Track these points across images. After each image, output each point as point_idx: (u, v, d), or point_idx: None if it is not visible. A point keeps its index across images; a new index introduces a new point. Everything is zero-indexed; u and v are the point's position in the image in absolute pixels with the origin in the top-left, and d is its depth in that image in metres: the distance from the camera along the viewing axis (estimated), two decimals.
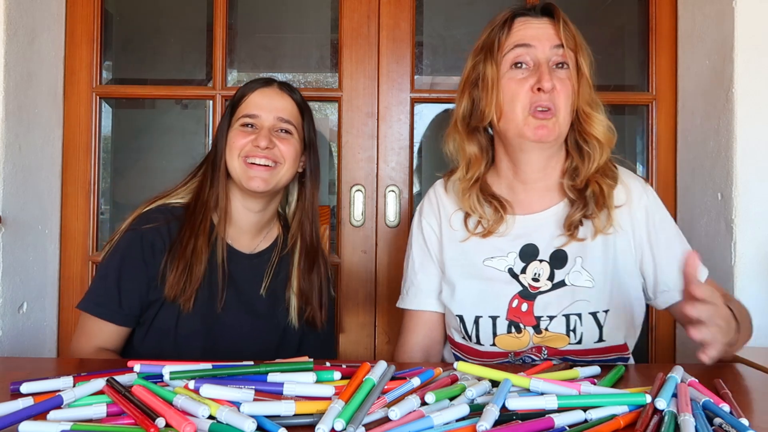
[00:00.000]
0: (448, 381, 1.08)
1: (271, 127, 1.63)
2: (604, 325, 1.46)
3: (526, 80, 1.45)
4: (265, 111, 1.64)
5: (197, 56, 2.55)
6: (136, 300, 1.57)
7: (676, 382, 1.03)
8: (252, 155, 1.60)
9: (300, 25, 2.60)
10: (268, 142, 1.60)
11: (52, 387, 1.07)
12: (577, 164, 1.54)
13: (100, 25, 2.38)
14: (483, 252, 1.55)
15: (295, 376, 1.07)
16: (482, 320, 1.50)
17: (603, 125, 1.51)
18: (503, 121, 1.48)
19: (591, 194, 1.51)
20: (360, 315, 2.36)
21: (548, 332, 1.47)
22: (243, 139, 1.62)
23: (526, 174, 1.55)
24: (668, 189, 2.37)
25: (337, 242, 2.37)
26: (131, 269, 1.57)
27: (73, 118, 2.36)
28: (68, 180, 2.35)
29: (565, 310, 1.47)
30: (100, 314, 1.56)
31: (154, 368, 1.10)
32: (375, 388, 0.98)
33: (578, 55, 1.48)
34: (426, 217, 1.66)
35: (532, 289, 1.50)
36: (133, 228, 1.59)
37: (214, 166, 1.65)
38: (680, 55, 2.36)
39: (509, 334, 1.49)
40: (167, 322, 1.57)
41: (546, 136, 1.44)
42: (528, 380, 1.02)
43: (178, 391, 0.96)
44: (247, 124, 1.64)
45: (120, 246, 1.59)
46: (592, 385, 1.04)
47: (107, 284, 1.57)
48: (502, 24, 1.50)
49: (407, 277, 1.68)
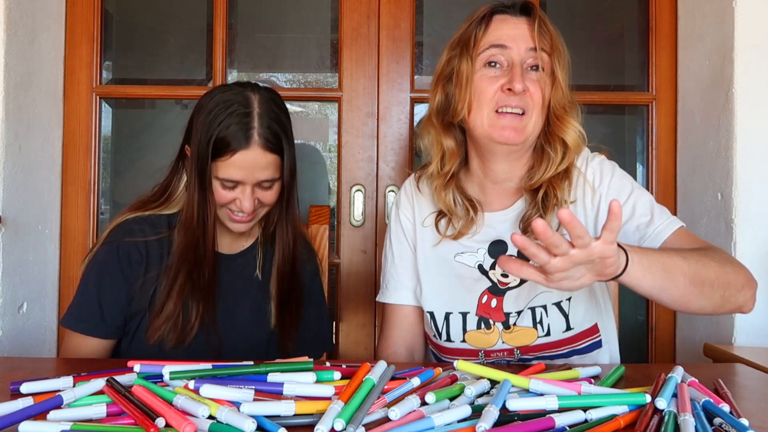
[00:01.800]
0: (447, 381, 1.08)
1: (254, 186, 1.52)
2: (569, 312, 1.46)
3: (497, 79, 1.43)
4: (250, 176, 1.50)
5: (197, 56, 2.55)
6: (118, 312, 1.55)
7: (676, 382, 1.03)
8: (234, 210, 1.54)
9: (300, 25, 2.60)
10: (252, 206, 1.52)
11: (52, 387, 1.07)
12: (535, 167, 1.51)
13: (100, 25, 2.39)
14: (453, 248, 1.56)
15: (295, 376, 1.07)
16: (452, 316, 1.51)
17: (575, 130, 1.48)
18: (471, 119, 1.46)
19: (542, 197, 1.48)
20: (360, 315, 2.36)
21: (516, 327, 1.47)
22: (225, 195, 1.52)
23: (496, 173, 1.54)
24: (668, 189, 2.38)
25: (336, 242, 2.37)
26: (110, 282, 1.55)
27: (73, 118, 2.36)
28: (68, 180, 2.36)
29: (530, 303, 1.47)
30: (83, 330, 1.54)
31: (153, 368, 1.10)
32: (375, 388, 0.99)
33: (553, 58, 1.45)
34: (403, 209, 1.66)
35: (501, 285, 1.50)
36: (109, 241, 1.57)
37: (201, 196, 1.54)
38: (680, 55, 2.37)
39: (479, 330, 1.50)
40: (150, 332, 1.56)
41: (513, 138, 1.43)
42: (527, 381, 1.02)
43: (178, 391, 0.96)
44: (228, 184, 1.52)
45: (97, 259, 1.57)
46: (591, 385, 1.04)
47: (88, 299, 1.55)
48: (480, 20, 1.49)
49: (386, 270, 1.66)
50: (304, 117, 2.66)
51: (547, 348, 1.48)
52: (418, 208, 1.63)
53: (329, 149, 2.56)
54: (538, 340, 1.47)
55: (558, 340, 1.47)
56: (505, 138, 1.42)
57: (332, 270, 2.35)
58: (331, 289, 2.30)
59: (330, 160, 2.54)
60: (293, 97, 2.53)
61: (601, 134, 2.55)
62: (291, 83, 2.61)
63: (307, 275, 1.73)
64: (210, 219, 1.54)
